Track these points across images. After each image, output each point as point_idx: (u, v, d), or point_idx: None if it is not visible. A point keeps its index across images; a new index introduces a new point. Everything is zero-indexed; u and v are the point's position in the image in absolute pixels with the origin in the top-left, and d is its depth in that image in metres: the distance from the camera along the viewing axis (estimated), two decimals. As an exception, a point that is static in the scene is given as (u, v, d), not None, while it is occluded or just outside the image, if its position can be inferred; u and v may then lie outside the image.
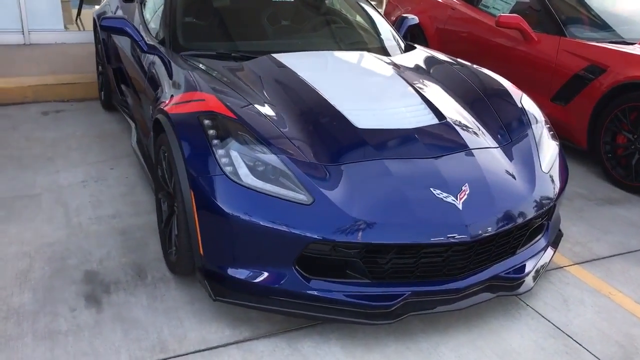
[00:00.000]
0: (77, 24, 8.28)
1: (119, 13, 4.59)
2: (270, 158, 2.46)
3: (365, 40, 3.98)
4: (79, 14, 8.47)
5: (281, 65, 3.26)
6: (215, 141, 2.50)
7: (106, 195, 3.68)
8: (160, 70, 3.34)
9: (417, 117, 2.86)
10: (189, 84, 2.94)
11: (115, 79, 4.70)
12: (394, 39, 4.05)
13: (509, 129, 2.97)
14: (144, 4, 4.41)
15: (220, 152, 2.47)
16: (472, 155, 2.68)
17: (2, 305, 2.59)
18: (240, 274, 2.44)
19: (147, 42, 3.68)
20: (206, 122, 2.58)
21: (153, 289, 2.77)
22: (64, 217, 3.38)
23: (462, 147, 2.71)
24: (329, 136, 2.66)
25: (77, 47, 6.96)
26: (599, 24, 4.93)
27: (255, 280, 2.42)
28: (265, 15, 3.94)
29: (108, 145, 4.46)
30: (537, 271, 2.73)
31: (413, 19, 4.47)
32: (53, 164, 4.10)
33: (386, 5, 7.43)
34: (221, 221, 2.40)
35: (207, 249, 2.48)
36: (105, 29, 3.67)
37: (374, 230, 2.32)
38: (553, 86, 4.68)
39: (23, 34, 6.94)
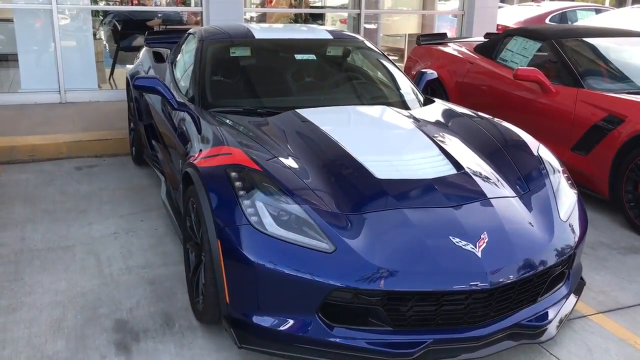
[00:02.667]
0: (110, 82, 8.65)
1: (151, 73, 4.83)
2: (294, 208, 2.57)
3: (385, 94, 4.13)
4: (112, 73, 8.87)
5: (305, 120, 3.40)
6: (241, 192, 2.62)
7: (136, 246, 3.80)
8: (189, 126, 3.51)
9: (435, 168, 2.95)
10: (216, 138, 3.09)
11: (146, 135, 4.90)
12: (414, 93, 4.18)
13: (526, 178, 3.04)
14: (175, 64, 4.64)
15: (246, 202, 2.58)
16: (491, 204, 2.75)
17: (36, 353, 2.69)
18: (265, 321, 2.51)
19: (178, 99, 3.87)
20: (233, 174, 2.71)
21: (180, 337, 2.84)
22: (96, 267, 3.51)
23: (481, 196, 2.79)
24: (350, 186, 2.76)
25: (109, 105, 7.26)
26: (616, 75, 5.03)
27: (279, 328, 2.49)
28: (289, 73, 4.12)
29: (138, 199, 4.62)
30: (560, 319, 2.75)
31: (432, 73, 4.61)
32: (86, 216, 4.26)
33: (406, 61, 7.64)
34: (247, 269, 2.49)
35: (233, 296, 2.57)
36: (138, 88, 3.87)
37: (395, 278, 2.39)
38: (573, 136, 4.75)
39: (60, 93, 7.28)
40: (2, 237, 3.88)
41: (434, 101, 4.10)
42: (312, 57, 4.25)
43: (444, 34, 7.45)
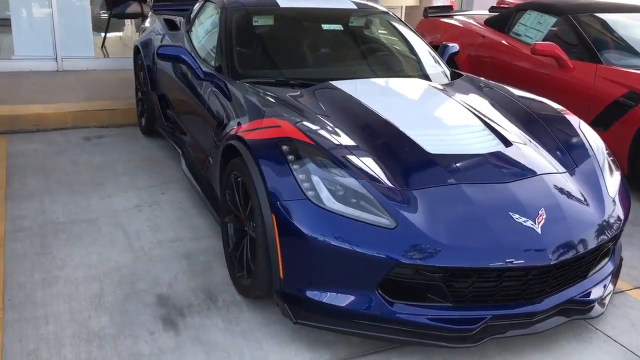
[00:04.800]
0: (102, 51, 8.41)
1: (166, 41, 4.68)
2: (351, 182, 2.51)
3: (414, 67, 4.07)
4: (104, 41, 8.61)
5: (341, 92, 3.33)
6: (295, 166, 2.56)
7: (162, 219, 3.72)
8: (222, 97, 3.41)
9: (483, 143, 2.92)
10: (259, 110, 3.00)
11: (160, 105, 4.77)
12: (441, 66, 4.13)
13: (572, 154, 3.02)
14: (193, 33, 4.50)
15: (301, 176, 2.52)
16: (544, 180, 2.74)
17: (82, 329, 2.62)
18: (322, 297, 2.48)
19: (204, 69, 3.76)
20: (284, 147, 2.64)
21: (226, 312, 2.80)
22: (125, 241, 3.42)
23: (533, 172, 2.77)
24: (403, 161, 2.71)
25: (108, 74, 7.07)
26: (635, 51, 5.02)
27: (337, 304, 2.46)
28: (316, 43, 4.03)
29: (155, 171, 4.52)
30: (608, 295, 2.77)
31: (454, 46, 4.56)
32: (104, 188, 4.15)
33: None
34: (304, 245, 2.44)
35: (288, 272, 2.52)
36: (162, 56, 3.75)
37: (458, 255, 2.37)
38: (591, 112, 4.75)
39: (56, 60, 7.05)
40: (22, 208, 3.76)
41: (462, 74, 4.05)
42: (339, 27, 4.15)
43: (450, 7, 7.38)
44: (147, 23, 5.78)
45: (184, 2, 5.79)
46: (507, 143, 2.94)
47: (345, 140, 2.80)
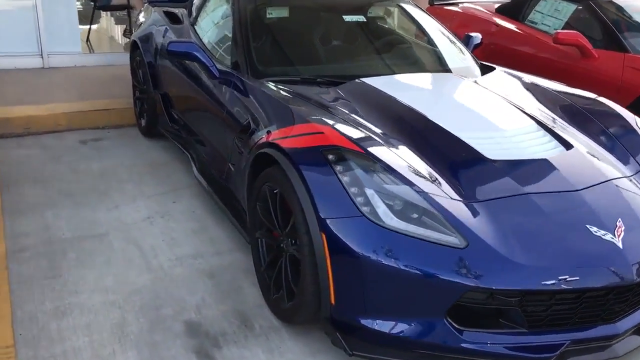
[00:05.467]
0: (87, 45, 7.99)
1: (169, 36, 4.34)
2: (410, 195, 2.24)
3: (445, 60, 3.78)
4: (88, 35, 8.18)
5: (376, 91, 3.05)
6: (345, 178, 2.27)
7: (178, 232, 3.41)
8: (244, 98, 3.10)
9: (542, 145, 2.67)
10: (293, 114, 2.71)
11: (164, 105, 4.44)
12: (471, 58, 3.86)
13: (634, 154, 2.78)
14: (199, 26, 4.17)
15: (353, 190, 2.24)
16: (614, 185, 2.49)
17: (107, 367, 2.32)
18: (379, 325, 2.21)
19: (219, 67, 3.45)
20: (331, 157, 2.35)
21: (266, 341, 2.52)
22: (141, 259, 3.11)
23: (601, 177, 2.52)
24: (462, 170, 2.44)
25: (98, 70, 6.68)
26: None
27: (397, 333, 2.19)
28: (339, 36, 3.74)
29: (162, 176, 4.20)
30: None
31: (477, 37, 4.30)
32: (109, 198, 3.82)
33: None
34: (360, 267, 2.16)
35: (340, 298, 2.24)
36: (173, 53, 3.43)
37: (537, 275, 2.11)
38: (619, 103, 4.51)
39: (42, 57, 6.64)
40: (23, 225, 3.42)
41: (494, 68, 3.78)
42: (362, 18, 3.85)
43: (455, -6, 7.10)
44: (141, 16, 5.43)
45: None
46: (567, 145, 2.69)
47: (394, 146, 2.52)
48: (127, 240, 3.30)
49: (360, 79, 3.20)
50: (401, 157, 2.42)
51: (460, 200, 2.28)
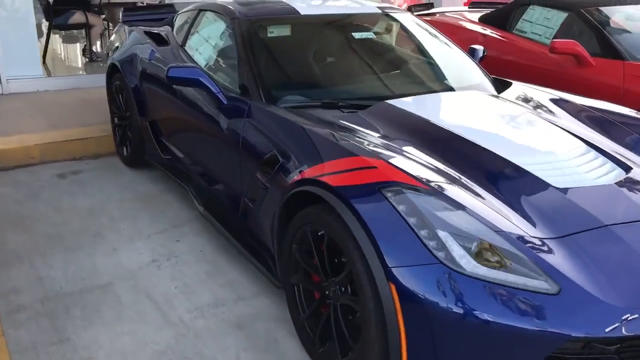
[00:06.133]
0: (44, 68, 7.48)
1: (157, 58, 4.00)
2: (488, 235, 2.01)
3: (463, 77, 3.57)
4: (44, 56, 7.67)
5: (408, 114, 2.83)
6: (412, 219, 2.03)
7: (190, 277, 3.09)
8: (266, 128, 2.82)
9: (600, 169, 2.48)
10: (332, 146, 2.44)
11: (154, 133, 4.10)
12: (484, 74, 3.68)
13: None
14: (190, 48, 3.86)
15: (423, 232, 2.00)
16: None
17: None
18: (460, 385, 1.96)
19: (226, 93, 3.16)
20: (390, 195, 2.10)
21: (320, 403, 2.24)
22: (157, 312, 2.78)
23: (673, 201, 2.35)
24: (532, 201, 2.22)
25: (62, 95, 6.23)
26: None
27: (481, 392, 1.95)
28: (351, 55, 3.50)
29: (157, 211, 3.85)
30: None
31: (480, 50, 4.15)
32: (104, 240, 3.46)
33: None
34: (440, 323, 1.92)
35: (414, 355, 1.99)
36: (174, 80, 3.13)
37: (637, 319, 1.91)
38: (623, 113, 4.45)
39: (0, 82, 6.14)
40: (11, 279, 3.03)
41: (511, 83, 3.61)
42: (371, 35, 3.63)
43: (431, 4, 7.00)
44: (114, 36, 5.06)
45: (158, 11, 5.13)
46: (625, 167, 2.52)
47: (454, 178, 2.29)
48: (136, 290, 2.96)
49: (385, 100, 2.96)
50: (466, 191, 2.20)
51: (540, 238, 2.06)
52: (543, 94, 3.36)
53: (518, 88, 3.49)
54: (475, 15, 6.16)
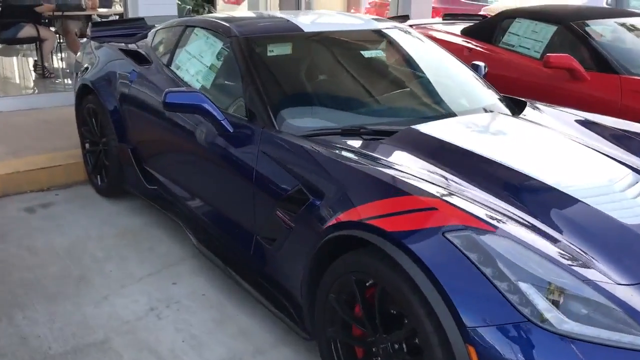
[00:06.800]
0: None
1: (141, 77, 3.63)
2: (576, 286, 1.78)
3: (479, 97, 3.35)
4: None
5: (440, 141, 2.58)
6: (488, 270, 1.78)
7: (197, 326, 2.75)
8: (286, 160, 2.52)
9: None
10: (377, 183, 2.16)
11: (136, 161, 3.72)
12: (495, 92, 3.49)
13: None
14: (172, 67, 3.51)
15: (503, 286, 1.75)
16: None
17: None
18: None
19: (231, 120, 2.85)
20: (459, 242, 1.84)
21: None
22: (168, 373, 2.43)
23: None
24: (609, 243, 2.00)
25: (18, 116, 5.71)
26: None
27: None
28: (362, 75, 3.24)
29: (145, 249, 3.47)
30: None
31: (482, 66, 3.97)
32: (92, 286, 3.07)
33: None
34: (526, 387, 1.67)
35: None
36: (173, 106, 2.80)
37: None
38: (622, 128, 4.36)
39: (-54, 105, 5.60)
40: (-11, 339, 2.62)
41: (525, 102, 3.42)
42: (380, 53, 3.38)
43: (407, 16, 6.83)
44: (81, 55, 4.64)
45: (129, 25, 4.74)
46: (680, 196, 2.34)
47: (518, 217, 2.05)
48: (137, 346, 2.60)
49: (411, 126, 2.71)
50: (537, 234, 1.96)
51: (630, 285, 1.85)
52: (564, 114, 3.18)
53: (536, 108, 3.30)
54: (456, 28, 6.03)
